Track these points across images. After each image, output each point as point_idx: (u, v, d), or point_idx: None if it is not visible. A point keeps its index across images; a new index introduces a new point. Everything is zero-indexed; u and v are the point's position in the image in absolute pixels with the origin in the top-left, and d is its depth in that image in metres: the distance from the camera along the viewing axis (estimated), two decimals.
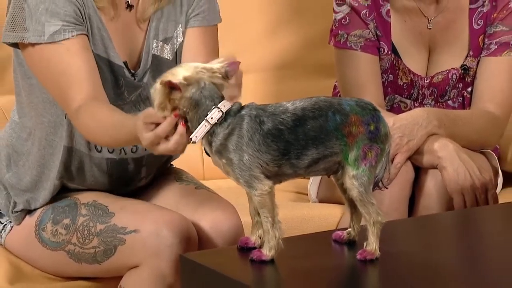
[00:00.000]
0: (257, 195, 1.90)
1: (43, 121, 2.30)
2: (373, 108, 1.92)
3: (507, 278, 1.93)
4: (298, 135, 1.89)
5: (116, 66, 2.27)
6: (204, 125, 1.88)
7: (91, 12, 2.24)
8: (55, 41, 2.18)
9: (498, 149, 2.78)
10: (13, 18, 2.20)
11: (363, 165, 1.90)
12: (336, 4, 2.67)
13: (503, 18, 2.65)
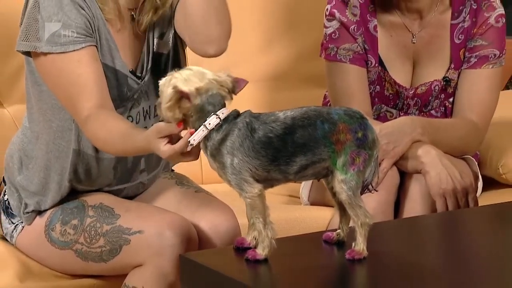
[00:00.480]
0: (247, 197, 1.90)
1: (52, 125, 2.30)
2: (361, 117, 1.92)
3: (487, 276, 1.94)
4: (287, 143, 1.89)
5: (121, 74, 2.27)
6: (202, 129, 1.89)
7: (100, 24, 2.24)
8: (67, 52, 2.18)
9: (478, 155, 2.78)
10: (27, 28, 2.20)
11: (351, 170, 1.90)
12: (326, 20, 2.67)
13: (483, 33, 2.65)
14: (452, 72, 2.67)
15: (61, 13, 2.18)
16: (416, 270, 1.96)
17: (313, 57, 2.89)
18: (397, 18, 2.66)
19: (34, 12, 2.19)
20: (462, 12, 2.66)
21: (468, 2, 2.66)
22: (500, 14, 2.66)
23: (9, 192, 2.40)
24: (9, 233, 2.40)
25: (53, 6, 2.18)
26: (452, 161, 2.54)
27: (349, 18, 2.64)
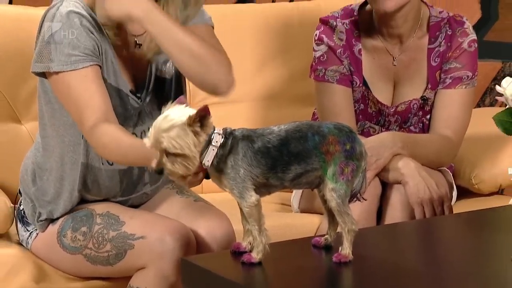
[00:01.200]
0: (246, 206, 1.90)
1: (64, 140, 2.30)
2: (349, 130, 1.92)
3: (462, 278, 1.94)
4: (282, 153, 1.89)
5: (123, 93, 2.27)
6: (212, 149, 1.88)
7: (107, 47, 2.23)
8: (76, 69, 2.18)
9: (453, 167, 2.77)
10: (41, 50, 2.21)
11: (340, 179, 1.90)
12: (315, 44, 2.67)
13: (457, 57, 2.65)
14: (429, 91, 2.66)
15: (71, 36, 2.18)
16: (397, 272, 1.96)
17: (303, 78, 2.88)
18: (380, 43, 2.66)
19: (47, 36, 2.20)
20: (438, 37, 2.66)
21: (444, 29, 2.66)
22: (473, 40, 2.66)
23: (24, 202, 2.39)
24: (25, 240, 2.39)
25: (64, 30, 2.18)
26: (429, 173, 2.53)
27: (336, 42, 2.64)
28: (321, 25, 2.68)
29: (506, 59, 3.51)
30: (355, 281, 1.95)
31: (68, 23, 2.18)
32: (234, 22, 3.03)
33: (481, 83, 3.42)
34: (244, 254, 1.94)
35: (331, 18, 2.67)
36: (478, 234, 2.21)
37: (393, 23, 2.61)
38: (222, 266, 1.98)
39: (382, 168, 2.52)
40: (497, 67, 3.52)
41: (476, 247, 2.13)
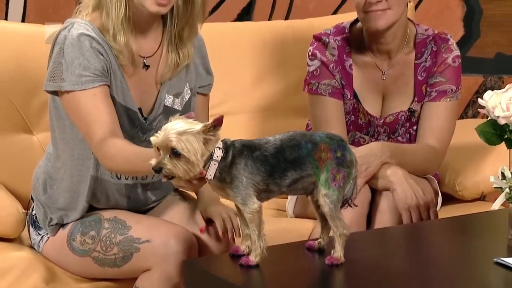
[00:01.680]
0: (248, 212, 1.91)
1: (73, 154, 2.29)
2: (340, 139, 1.94)
3: (447, 279, 1.93)
4: (279, 160, 1.90)
5: (131, 111, 2.26)
6: (214, 164, 1.88)
7: (116, 68, 2.23)
8: (86, 89, 2.17)
9: (438, 174, 2.77)
10: (53, 71, 2.20)
11: (333, 186, 1.91)
12: (309, 59, 2.67)
13: (442, 71, 2.65)
14: (416, 104, 2.66)
15: (82, 58, 2.18)
16: (386, 274, 1.96)
17: (298, 91, 2.88)
18: (369, 58, 2.66)
19: (59, 57, 2.20)
20: (424, 53, 2.66)
21: (429, 45, 2.66)
22: (457, 55, 2.66)
23: (36, 208, 2.38)
24: (37, 243, 2.38)
25: (75, 52, 2.18)
26: (415, 180, 2.53)
27: (329, 58, 2.64)
28: (314, 41, 2.68)
29: (487, 73, 3.51)
30: (346, 283, 1.95)
31: (79, 45, 2.18)
32: (233, 39, 3.03)
33: (464, 96, 3.42)
34: (242, 257, 1.94)
35: (323, 35, 2.67)
36: (462, 238, 2.21)
37: (382, 40, 2.62)
38: (222, 268, 1.99)
39: (371, 175, 2.52)
40: (479, 81, 3.52)
41: (460, 250, 2.13)
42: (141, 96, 2.29)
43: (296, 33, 3.04)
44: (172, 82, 2.31)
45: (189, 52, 2.30)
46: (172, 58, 2.29)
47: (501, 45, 3.48)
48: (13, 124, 2.68)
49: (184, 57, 2.30)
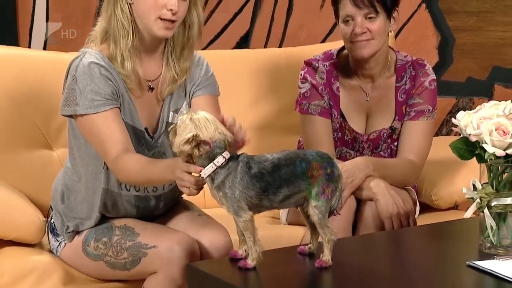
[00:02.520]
0: (241, 221, 1.90)
1: (88, 169, 2.29)
2: (329, 157, 1.93)
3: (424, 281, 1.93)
4: (275, 178, 1.88)
5: (138, 130, 2.25)
6: (211, 166, 1.88)
7: (123, 91, 2.22)
8: (98, 112, 2.17)
9: (416, 186, 2.76)
10: (68, 96, 2.20)
11: (322, 198, 1.90)
12: (300, 82, 2.67)
13: (420, 93, 2.64)
14: (397, 122, 2.66)
15: (93, 84, 2.17)
16: (370, 275, 1.95)
17: (290, 111, 2.88)
18: (355, 82, 2.66)
19: (72, 84, 2.19)
20: (404, 77, 2.66)
21: (408, 70, 2.66)
22: (433, 79, 2.66)
23: (55, 217, 2.37)
24: (55, 248, 2.37)
25: (86, 79, 2.18)
26: (396, 191, 2.52)
27: (318, 81, 2.64)
28: (305, 66, 2.68)
29: (459, 95, 3.52)
30: (334, 284, 1.94)
31: (90, 73, 2.18)
32: (232, 64, 3.03)
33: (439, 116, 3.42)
34: (240, 261, 1.93)
35: (313, 61, 2.67)
36: (437, 243, 2.20)
37: (366, 66, 2.61)
38: (222, 271, 1.97)
39: (357, 187, 2.51)
40: (452, 102, 3.52)
41: (436, 254, 2.12)
42: (147, 116, 2.28)
43: (289, 59, 3.04)
44: (173, 100, 2.30)
45: (186, 68, 2.29)
46: (170, 75, 2.28)
47: (472, 70, 3.49)
48: (35, 141, 2.67)
49: (181, 73, 2.28)
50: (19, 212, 2.38)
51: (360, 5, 2.52)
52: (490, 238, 2.02)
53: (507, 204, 2.00)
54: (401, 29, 3.49)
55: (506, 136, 1.96)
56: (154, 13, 2.18)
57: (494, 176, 2.01)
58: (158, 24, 2.18)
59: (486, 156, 1.98)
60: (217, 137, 1.89)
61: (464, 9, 3.46)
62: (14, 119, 2.64)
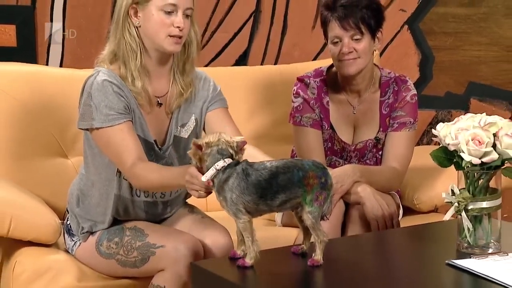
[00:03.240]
0: (240, 223, 1.89)
1: (101, 177, 2.29)
2: (323, 167, 1.93)
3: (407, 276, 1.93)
4: (272, 185, 1.88)
5: (148, 143, 2.25)
6: (212, 169, 1.88)
7: (134, 107, 2.22)
8: (113, 125, 2.17)
9: (399, 191, 2.76)
10: (84, 112, 2.20)
11: (315, 204, 1.89)
12: (293, 97, 2.67)
13: (402, 107, 2.65)
14: (381, 133, 2.66)
15: (107, 100, 2.18)
16: (357, 272, 1.95)
17: (284, 123, 2.88)
18: (343, 96, 2.66)
19: (88, 100, 2.19)
20: (387, 92, 2.66)
21: (392, 85, 2.67)
22: (414, 94, 2.66)
23: (70, 219, 2.37)
24: (70, 247, 2.37)
25: (101, 96, 2.18)
26: (381, 196, 2.52)
27: (310, 96, 2.64)
28: (298, 82, 2.68)
29: (439, 108, 3.52)
30: (325, 280, 1.94)
31: (104, 90, 2.18)
32: (231, 80, 3.02)
33: (420, 127, 3.42)
34: (239, 259, 1.93)
35: (305, 77, 2.67)
36: (419, 244, 2.20)
37: (353, 82, 2.62)
38: (223, 269, 1.97)
39: (345, 192, 2.51)
40: (432, 114, 3.53)
41: (417, 253, 2.12)
42: (156, 129, 2.28)
43: (283, 76, 3.05)
44: (180, 114, 2.30)
45: (190, 81, 2.29)
46: (177, 90, 2.28)
47: (450, 85, 3.50)
48: (52, 150, 2.67)
49: (186, 87, 2.28)
50: (37, 215, 2.38)
51: (347, 28, 2.53)
52: (467, 238, 2.02)
53: (482, 207, 2.01)
54: (386, 48, 3.50)
55: (481, 145, 1.96)
56: (163, 31, 2.19)
57: (471, 182, 2.01)
58: (168, 41, 2.19)
59: (463, 164, 1.99)
60: (216, 143, 1.89)
61: (443, 30, 3.47)
62: (33, 130, 2.64)
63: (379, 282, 1.91)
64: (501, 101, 3.45)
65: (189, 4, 2.21)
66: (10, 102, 2.62)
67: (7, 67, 2.72)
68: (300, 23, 3.57)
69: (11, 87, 2.64)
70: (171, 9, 2.18)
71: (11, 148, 2.61)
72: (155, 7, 2.18)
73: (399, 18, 3.49)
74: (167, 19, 2.18)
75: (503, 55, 3.41)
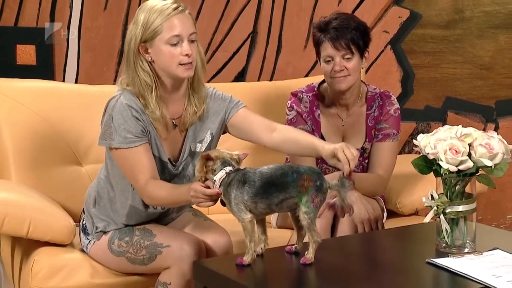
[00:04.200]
0: (242, 222, 1.91)
1: (118, 186, 2.28)
2: (319, 172, 1.94)
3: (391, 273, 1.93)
4: (268, 184, 1.89)
5: (163, 161, 2.24)
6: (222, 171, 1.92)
7: (151, 129, 2.20)
8: (130, 147, 2.15)
9: (384, 195, 2.76)
10: (105, 131, 2.19)
11: (311, 206, 1.90)
12: (288, 110, 2.67)
13: (386, 120, 2.65)
14: (367, 144, 2.66)
15: (125, 124, 2.16)
16: (345, 270, 1.95)
17: None
18: (333, 110, 2.66)
19: (109, 121, 2.17)
20: (373, 106, 2.66)
21: (377, 100, 2.67)
22: (397, 108, 2.66)
23: (86, 218, 2.36)
24: (85, 245, 2.36)
25: (121, 119, 2.16)
26: (368, 200, 2.52)
27: (302, 109, 2.64)
28: (292, 97, 2.68)
29: (419, 121, 3.52)
30: (315, 277, 1.94)
31: (124, 114, 2.15)
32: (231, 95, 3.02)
33: (402, 138, 3.42)
34: (237, 258, 1.92)
35: (299, 92, 2.67)
36: (402, 244, 2.20)
37: (343, 97, 2.62)
38: (223, 267, 1.97)
39: (334, 196, 2.50)
40: (412, 126, 3.53)
41: (400, 252, 2.12)
42: (170, 149, 2.25)
43: (278, 91, 3.04)
44: (196, 132, 2.27)
45: (202, 97, 2.25)
46: (191, 108, 2.25)
47: (429, 100, 3.50)
48: (67, 159, 2.66)
49: (200, 104, 2.25)
50: (54, 218, 2.37)
51: (339, 48, 2.53)
52: (445, 239, 2.03)
53: (459, 211, 2.01)
54: (371, 66, 3.51)
55: (458, 154, 1.97)
56: (174, 62, 2.15)
57: (448, 188, 2.02)
58: (180, 69, 2.15)
59: (442, 171, 1.99)
60: (222, 156, 1.92)
61: (422, 50, 3.48)
62: (51, 141, 2.62)
63: (365, 278, 1.91)
64: (475, 114, 3.45)
65: (192, 29, 2.17)
66: (30, 115, 2.62)
67: (28, 84, 2.72)
68: (293, 43, 3.58)
69: (31, 102, 2.63)
70: (176, 41, 2.14)
71: (31, 157, 2.60)
72: (162, 42, 2.14)
73: (383, 39, 3.50)
74: (175, 50, 2.14)
75: (477, 73, 3.41)
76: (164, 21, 2.13)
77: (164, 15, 2.13)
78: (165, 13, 2.13)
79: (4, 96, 2.62)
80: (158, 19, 2.13)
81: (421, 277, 1.92)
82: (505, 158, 1.99)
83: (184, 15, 2.16)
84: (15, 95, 2.63)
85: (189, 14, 2.18)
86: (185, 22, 2.15)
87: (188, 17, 2.17)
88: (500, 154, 1.98)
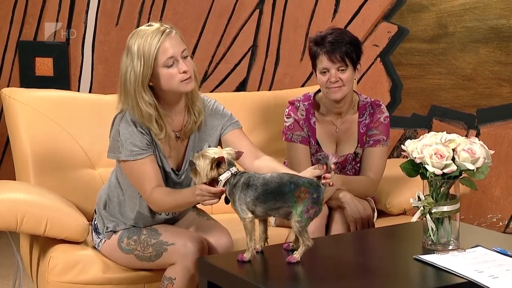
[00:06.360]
0: (244, 221, 1.89)
1: (126, 193, 2.26)
2: (317, 185, 1.90)
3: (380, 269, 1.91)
4: (268, 191, 1.87)
5: (167, 172, 2.22)
6: (228, 172, 1.90)
7: (156, 141, 2.19)
8: (136, 159, 2.15)
9: (375, 196, 2.74)
10: (113, 145, 2.18)
11: (305, 216, 1.87)
12: (286, 117, 2.66)
13: (376, 127, 2.63)
14: (359, 149, 2.65)
15: (131, 138, 2.15)
16: (338, 265, 1.94)
17: (277, 139, 2.86)
18: (327, 117, 2.65)
19: (116, 136, 2.16)
20: (364, 114, 2.65)
21: (368, 108, 2.65)
22: (387, 116, 2.65)
23: (98, 219, 2.35)
24: (97, 244, 2.34)
25: (127, 134, 2.15)
26: (359, 201, 2.51)
27: (299, 116, 2.63)
28: (289, 105, 2.67)
29: (406, 127, 3.52)
30: (310, 272, 1.92)
31: (130, 129, 2.14)
32: (232, 103, 2.97)
33: (391, 143, 3.41)
34: (238, 254, 1.91)
35: (296, 101, 2.66)
36: (391, 241, 2.19)
37: (337, 106, 2.60)
38: (225, 263, 1.96)
39: (329, 198, 2.49)
40: (400, 132, 3.52)
41: (390, 249, 2.12)
42: (173, 158, 2.24)
43: (276, 99, 3.04)
44: (196, 143, 2.25)
45: (199, 107, 2.23)
46: (191, 118, 2.23)
47: (415, 108, 3.50)
48: (81, 163, 2.65)
49: (199, 114, 2.24)
50: (69, 217, 2.35)
51: (334, 60, 2.52)
52: (431, 237, 2.01)
53: (443, 211, 2.00)
54: (362, 77, 3.50)
55: (442, 159, 1.96)
56: (175, 81, 2.13)
57: (434, 190, 2.01)
58: (182, 85, 2.13)
59: (428, 174, 1.98)
60: (227, 156, 1.92)
61: (409, 62, 3.48)
62: (66, 146, 2.62)
63: (357, 273, 1.90)
64: (458, 121, 3.45)
65: (182, 46, 2.14)
66: (48, 123, 2.61)
67: (46, 93, 2.71)
68: (290, 56, 3.57)
69: (49, 110, 2.63)
70: (172, 62, 2.11)
71: (48, 161, 2.59)
72: (159, 67, 2.11)
73: (373, 52, 3.50)
74: (172, 70, 2.12)
75: (459, 83, 3.41)
76: (158, 48, 2.10)
77: (155, 42, 2.09)
78: (155, 40, 2.09)
79: (24, 105, 2.62)
80: (152, 48, 2.10)
81: (409, 272, 1.91)
82: (486, 162, 1.99)
83: (172, 36, 2.13)
84: (34, 104, 2.63)
85: (175, 34, 2.14)
86: (175, 43, 2.12)
87: (176, 37, 2.14)
88: (482, 159, 1.97)
